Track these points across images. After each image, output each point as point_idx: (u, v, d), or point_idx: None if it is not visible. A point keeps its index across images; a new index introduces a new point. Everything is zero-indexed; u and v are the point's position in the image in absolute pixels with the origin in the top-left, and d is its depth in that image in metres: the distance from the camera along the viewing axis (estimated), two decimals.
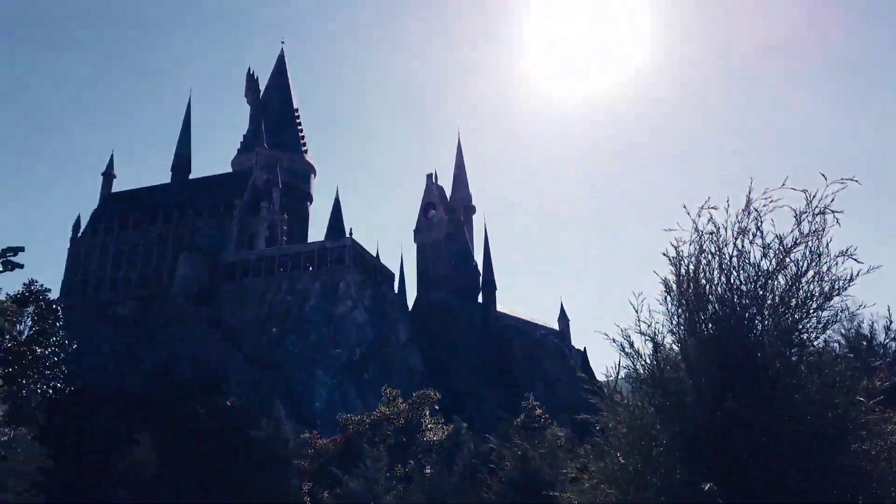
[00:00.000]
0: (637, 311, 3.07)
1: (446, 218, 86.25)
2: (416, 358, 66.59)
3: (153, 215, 69.10)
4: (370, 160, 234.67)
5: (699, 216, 3.05)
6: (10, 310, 25.93)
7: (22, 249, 35.54)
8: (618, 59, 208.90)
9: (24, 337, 28.69)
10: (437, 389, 33.45)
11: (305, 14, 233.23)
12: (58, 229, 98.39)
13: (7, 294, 28.43)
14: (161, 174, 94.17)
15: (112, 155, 76.96)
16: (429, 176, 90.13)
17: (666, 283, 3.09)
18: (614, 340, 3.15)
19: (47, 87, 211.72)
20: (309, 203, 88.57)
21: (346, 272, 63.10)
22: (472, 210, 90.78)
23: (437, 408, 31.20)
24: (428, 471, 24.71)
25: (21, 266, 35.10)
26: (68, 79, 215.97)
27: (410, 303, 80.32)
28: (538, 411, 25.47)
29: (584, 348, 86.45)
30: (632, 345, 3.12)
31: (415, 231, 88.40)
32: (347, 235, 67.28)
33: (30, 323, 29.90)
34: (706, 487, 2.47)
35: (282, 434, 27.01)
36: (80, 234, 70.26)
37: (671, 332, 3.07)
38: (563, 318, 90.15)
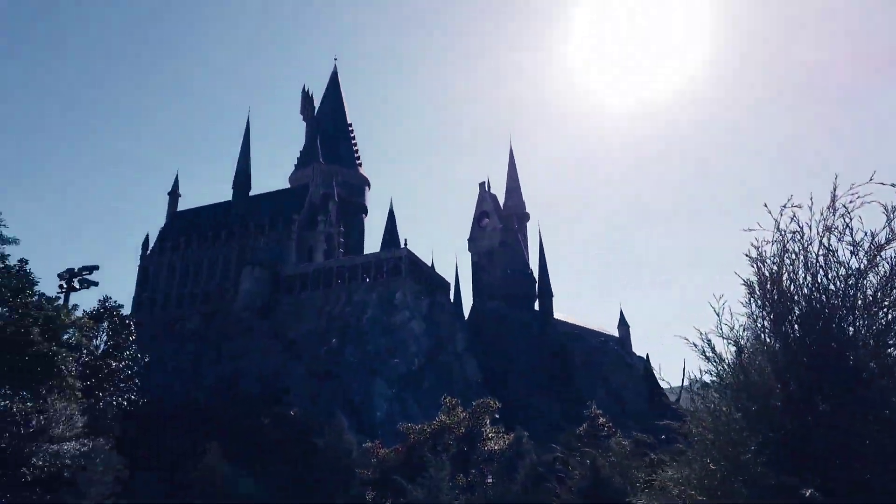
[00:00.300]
0: (718, 314, 2.99)
1: (500, 226, 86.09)
2: (473, 367, 66.47)
3: (216, 232, 71.49)
4: (423, 171, 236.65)
5: (781, 215, 2.95)
6: (87, 325, 27.24)
7: (97, 268, 37.16)
8: (678, 59, 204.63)
9: (99, 351, 30.07)
10: (496, 398, 33.21)
11: (357, 30, 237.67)
12: (129, 248, 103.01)
13: (84, 310, 29.85)
14: (223, 192, 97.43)
15: (177, 175, 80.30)
16: (481, 184, 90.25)
17: (748, 284, 2.99)
18: (695, 345, 3.07)
19: (115, 113, 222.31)
20: (364, 215, 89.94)
21: (402, 283, 63.63)
22: (526, 217, 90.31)
23: (497, 416, 30.97)
24: (490, 480, 24.54)
25: (96, 284, 36.75)
26: (135, 105, 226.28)
27: (466, 312, 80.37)
28: (601, 420, 24.97)
29: (647, 355, 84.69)
30: (713, 348, 3.03)
31: (469, 240, 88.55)
32: (402, 246, 67.93)
33: (105, 338, 31.31)
34: (807, 493, 2.38)
35: (344, 444, 27.38)
36: (148, 252, 73.28)
37: (755, 334, 2.97)
38: (623, 324, 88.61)
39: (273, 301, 64.72)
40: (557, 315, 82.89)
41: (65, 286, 33.69)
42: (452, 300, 75.33)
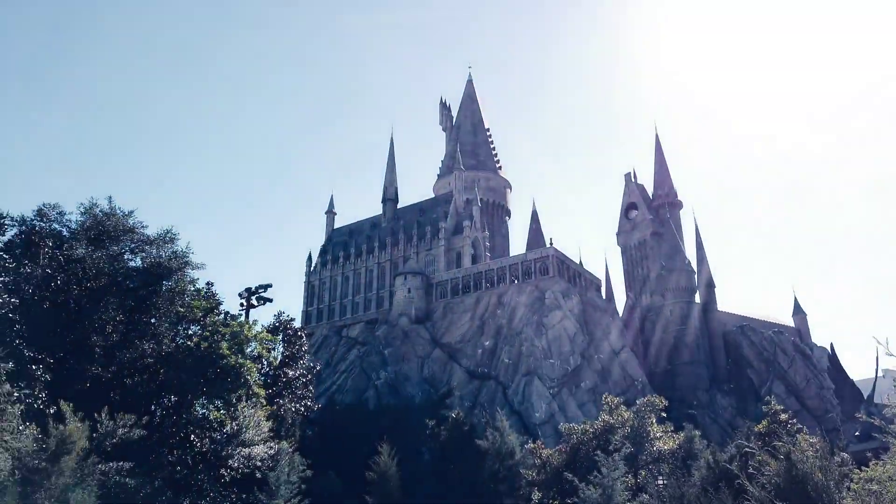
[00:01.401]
0: None
1: (650, 217, 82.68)
2: (633, 364, 64.13)
3: (370, 245, 75.43)
4: (564, 168, 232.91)
5: None
6: (266, 338, 29.76)
7: (270, 286, 40.31)
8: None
9: (277, 361, 32.68)
10: (660, 396, 31.82)
11: (488, 34, 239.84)
12: (294, 265, 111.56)
13: (262, 325, 32.65)
14: (373, 206, 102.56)
15: (332, 196, 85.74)
16: (627, 175, 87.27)
17: None
18: None
19: (274, 143, 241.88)
20: (507, 218, 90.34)
21: (551, 282, 62.99)
22: (679, 205, 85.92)
23: (663, 415, 29.68)
24: (661, 481, 23.50)
25: (270, 300, 39.83)
26: (294, 134, 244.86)
27: (620, 308, 77.89)
28: (783, 416, 23.03)
29: (831, 345, 77.04)
30: None
31: (617, 234, 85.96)
32: (548, 245, 67.30)
33: (281, 349, 33.99)
34: None
35: (508, 445, 27.54)
36: (312, 268, 78.83)
37: None
38: (799, 312, 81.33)
39: (427, 307, 66.85)
40: (721, 307, 77.88)
41: (244, 304, 37.14)
42: (605, 297, 73.33)
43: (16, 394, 17.89)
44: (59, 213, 24.15)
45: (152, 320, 24.49)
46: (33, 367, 19.78)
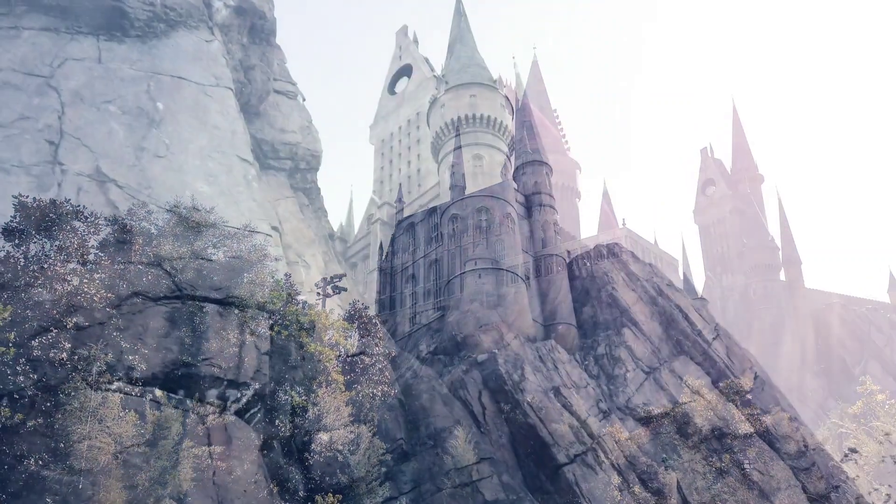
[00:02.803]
0: None
1: (729, 192, 79.56)
2: (715, 345, 62.02)
3: (439, 232, 75.94)
4: (634, 146, 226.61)
5: None
6: (343, 327, 30.59)
7: (344, 275, 41.40)
8: None
9: (354, 349, 33.56)
10: (744, 378, 30.77)
11: (555, 12, 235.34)
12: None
13: (338, 314, 33.57)
14: (442, 193, 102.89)
15: (399, 184, 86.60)
16: (703, 150, 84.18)
17: None
18: None
19: (344, 132, 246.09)
20: (577, 199, 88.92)
21: (625, 264, 61.57)
22: (760, 180, 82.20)
23: (748, 398, 28.70)
24: (747, 465, 22.75)
25: (345, 289, 40.95)
26: (360, 118, 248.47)
27: (699, 288, 75.46)
28: (880, 396, 21.81)
29: None
30: None
31: (694, 211, 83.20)
32: (621, 226, 65.86)
33: (357, 336, 34.88)
34: None
35: (586, 428, 27.28)
36: (384, 257, 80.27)
37: None
38: None
39: (498, 292, 66.72)
40: (809, 284, 74.24)
41: (321, 294, 38.28)
42: (682, 277, 71.14)
43: (115, 383, 19.15)
44: (148, 211, 25.57)
45: (235, 311, 25.61)
46: (130, 357, 21.09)
